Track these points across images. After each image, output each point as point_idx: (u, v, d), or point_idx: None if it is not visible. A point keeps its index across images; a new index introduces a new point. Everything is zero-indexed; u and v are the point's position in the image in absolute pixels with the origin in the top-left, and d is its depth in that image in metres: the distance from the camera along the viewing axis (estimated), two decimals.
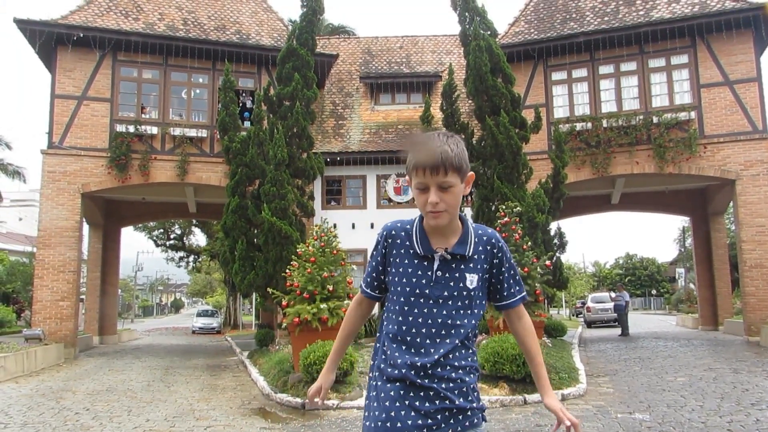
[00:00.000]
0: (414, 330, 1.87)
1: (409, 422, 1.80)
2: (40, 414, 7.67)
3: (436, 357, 1.84)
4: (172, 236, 39.14)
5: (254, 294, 15.23)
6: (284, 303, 10.11)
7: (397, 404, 1.82)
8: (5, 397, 9.08)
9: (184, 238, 39.75)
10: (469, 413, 1.86)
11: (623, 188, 18.90)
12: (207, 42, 16.62)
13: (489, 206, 13.58)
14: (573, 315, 41.04)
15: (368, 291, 2.05)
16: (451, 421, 1.83)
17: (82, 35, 15.64)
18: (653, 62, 16.44)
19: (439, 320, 1.87)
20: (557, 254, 14.21)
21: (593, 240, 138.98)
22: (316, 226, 11.28)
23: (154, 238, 38.26)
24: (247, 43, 17.10)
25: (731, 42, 15.63)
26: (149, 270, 69.69)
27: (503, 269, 1.98)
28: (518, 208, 11.87)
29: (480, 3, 14.89)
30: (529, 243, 11.46)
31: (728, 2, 15.78)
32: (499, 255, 1.97)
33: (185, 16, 17.50)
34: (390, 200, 17.83)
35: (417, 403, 1.82)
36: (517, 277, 2.03)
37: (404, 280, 1.90)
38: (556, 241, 14.15)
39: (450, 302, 1.88)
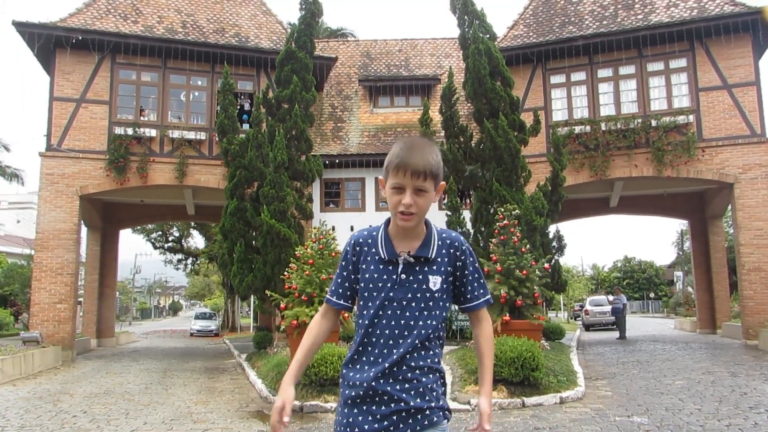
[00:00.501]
0: (379, 332, 1.92)
1: (366, 427, 1.85)
2: (37, 417, 7.64)
3: (394, 357, 1.88)
4: (170, 238, 39.10)
5: (252, 296, 15.20)
6: (282, 305, 10.10)
7: (355, 411, 1.88)
8: (2, 400, 9.06)
9: (183, 241, 39.70)
10: (427, 412, 1.87)
11: (622, 191, 18.92)
12: (206, 45, 16.63)
13: (487, 209, 13.59)
14: (571, 318, 41.03)
15: (335, 300, 2.05)
16: (410, 421, 1.86)
17: (80, 38, 15.64)
18: (652, 66, 16.48)
19: (402, 322, 1.91)
20: (556, 257, 14.21)
21: (592, 243, 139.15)
22: (314, 228, 11.29)
23: (153, 240, 38.22)
24: (245, 45, 17.12)
25: (730, 46, 15.66)
26: (147, 272, 69.59)
27: (467, 272, 2.01)
28: (517, 210, 11.86)
29: (479, 6, 14.93)
30: (528, 246, 11.45)
31: (727, 6, 15.83)
32: (462, 258, 2.00)
33: (184, 18, 17.52)
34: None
35: (374, 408, 1.86)
36: (482, 281, 2.05)
37: (371, 286, 1.95)
38: (554, 243, 14.15)
39: (413, 304, 1.93)
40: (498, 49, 14.95)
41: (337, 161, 17.64)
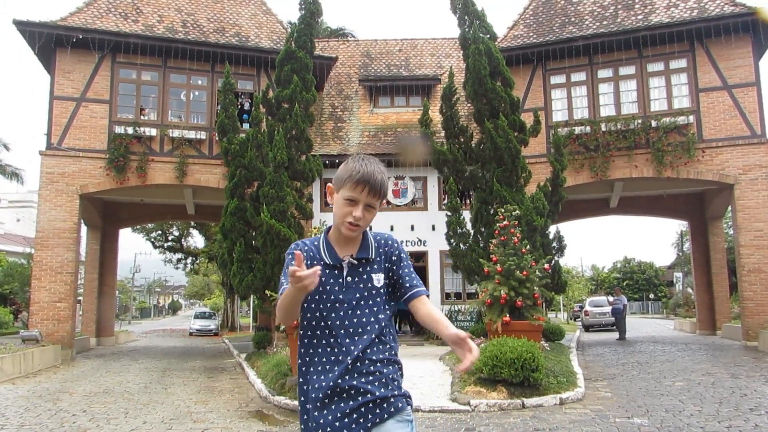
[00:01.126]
0: (334, 333, 2.02)
1: (337, 424, 1.96)
2: (36, 416, 7.64)
3: (355, 353, 1.99)
4: (170, 238, 39.08)
5: (252, 296, 15.20)
6: None
7: (325, 411, 1.98)
8: (2, 398, 9.05)
9: (182, 240, 39.68)
10: (392, 400, 1.99)
11: (622, 192, 18.92)
12: (206, 44, 16.62)
13: (488, 209, 13.57)
14: (571, 319, 41.02)
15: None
16: (377, 410, 1.97)
17: (81, 37, 15.63)
18: (652, 66, 16.47)
19: (355, 320, 2.04)
20: (556, 258, 14.20)
21: (591, 243, 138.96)
22: (314, 228, 11.27)
23: (152, 239, 38.20)
24: (246, 45, 17.11)
25: (730, 46, 15.66)
26: (147, 272, 69.54)
27: (402, 265, 2.15)
28: (517, 211, 11.84)
29: (479, 7, 14.89)
30: (528, 246, 11.44)
31: (727, 7, 15.82)
32: (396, 253, 2.16)
33: (184, 18, 17.51)
34: (389, 202, 17.81)
35: (342, 404, 1.97)
36: (415, 274, 2.18)
37: (320, 289, 2.02)
38: (555, 244, 14.14)
39: (363, 302, 2.06)
40: (498, 49, 14.94)
41: (337, 161, 17.63)
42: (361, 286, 2.08)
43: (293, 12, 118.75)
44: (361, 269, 2.10)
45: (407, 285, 2.13)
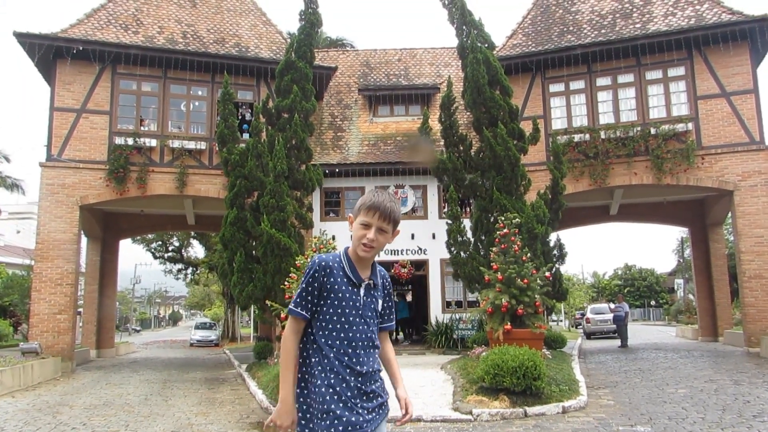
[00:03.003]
0: (354, 344, 2.33)
1: (368, 416, 2.29)
2: (36, 429, 7.60)
3: (370, 363, 2.36)
4: (170, 248, 39.05)
5: (253, 306, 15.15)
6: (283, 315, 10.07)
7: (357, 410, 2.27)
8: (2, 412, 9.01)
9: (183, 250, 39.65)
10: (386, 404, 2.41)
11: (621, 199, 18.92)
12: (206, 55, 16.68)
13: (488, 217, 13.57)
14: (572, 326, 40.90)
15: (305, 314, 2.35)
16: (381, 411, 2.37)
17: (81, 48, 15.69)
18: (650, 74, 16.52)
19: (367, 335, 2.37)
20: (557, 265, 14.18)
21: (592, 251, 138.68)
22: (314, 237, 11.28)
23: (153, 250, 38.16)
24: (246, 55, 17.17)
25: (728, 54, 15.72)
26: (147, 282, 69.44)
27: (388, 298, 2.55)
28: (517, 219, 11.85)
29: (477, 16, 14.98)
30: (529, 254, 11.44)
31: (724, 15, 15.90)
32: (388, 287, 2.55)
33: (185, 29, 17.59)
34: None
35: (367, 403, 2.31)
36: (393, 309, 2.60)
37: (344, 304, 2.34)
38: (555, 252, 14.12)
39: (371, 320, 2.41)
40: (497, 58, 15.00)
41: (337, 170, 17.65)
42: (372, 306, 2.42)
43: (293, 23, 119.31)
44: (372, 292, 2.43)
45: (386, 316, 2.54)
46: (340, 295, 2.34)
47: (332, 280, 2.34)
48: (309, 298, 2.34)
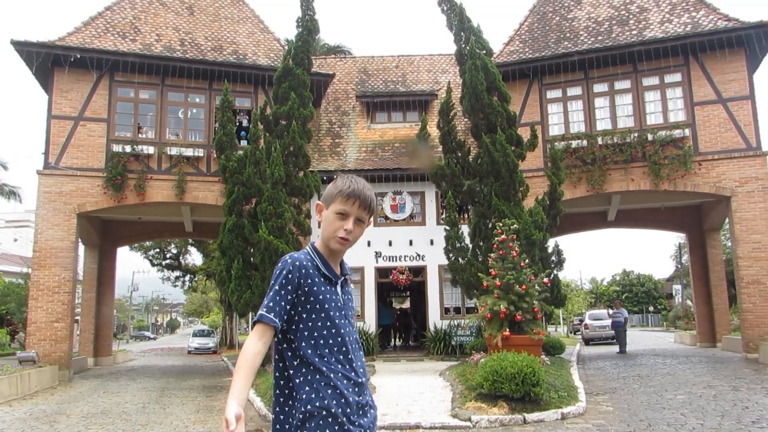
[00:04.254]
0: (346, 349, 2.04)
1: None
2: None
3: (360, 370, 2.07)
4: (168, 256, 38.93)
5: (251, 313, 15.14)
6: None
7: (360, 422, 2.00)
8: None
9: (180, 258, 39.54)
10: (376, 416, 2.14)
11: (619, 205, 18.94)
12: (204, 62, 16.70)
13: (486, 223, 13.58)
14: (571, 332, 40.86)
15: (276, 320, 1.97)
16: (373, 421, 2.09)
17: (79, 56, 15.70)
18: (647, 81, 16.58)
19: (354, 337, 2.11)
20: (555, 271, 14.18)
21: (590, 257, 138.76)
22: None
23: (150, 257, 38.05)
24: (243, 63, 17.20)
25: (724, 60, 15.79)
26: (145, 290, 69.23)
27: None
28: (515, 225, 11.86)
29: (475, 23, 15.03)
30: (527, 260, 11.44)
31: (720, 22, 15.98)
32: (350, 281, 2.28)
33: (182, 36, 17.62)
34: (386, 218, 17.82)
35: (362, 420, 2.01)
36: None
37: (326, 306, 2.03)
38: (553, 258, 14.11)
39: (353, 318, 2.15)
40: (494, 64, 15.05)
41: (334, 177, 17.59)
42: (351, 303, 2.16)
43: (291, 30, 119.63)
44: (346, 288, 2.16)
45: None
46: (321, 297, 2.02)
47: (309, 281, 2.01)
48: (282, 303, 1.98)
